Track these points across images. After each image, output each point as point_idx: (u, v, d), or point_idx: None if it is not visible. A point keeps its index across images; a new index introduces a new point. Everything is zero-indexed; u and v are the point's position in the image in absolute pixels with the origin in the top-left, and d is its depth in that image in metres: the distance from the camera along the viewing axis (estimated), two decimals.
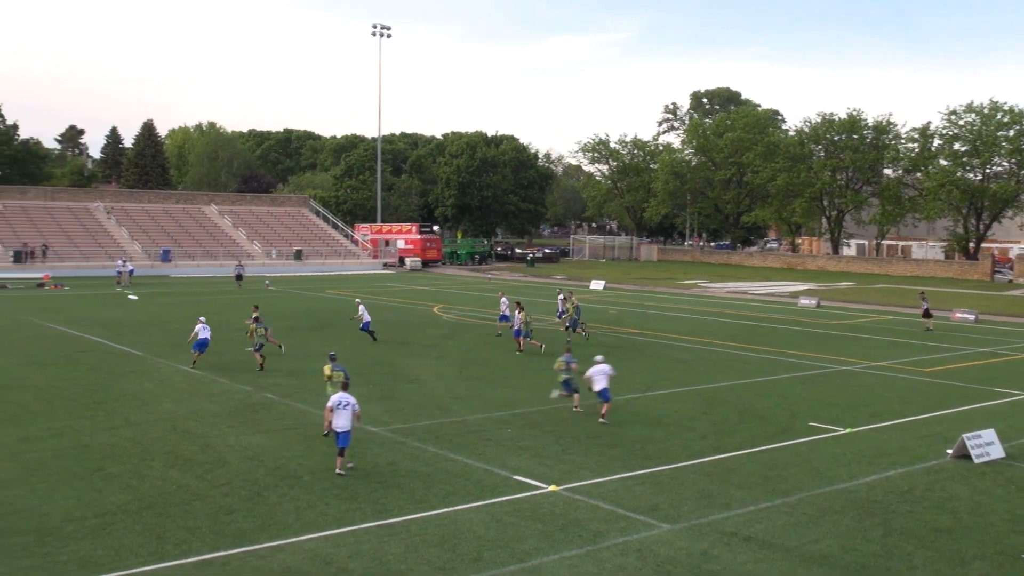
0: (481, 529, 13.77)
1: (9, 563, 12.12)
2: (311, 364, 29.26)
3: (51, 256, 71.78)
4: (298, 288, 61.71)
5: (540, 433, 20.13)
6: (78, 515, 14.10)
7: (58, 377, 26.24)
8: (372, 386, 25.42)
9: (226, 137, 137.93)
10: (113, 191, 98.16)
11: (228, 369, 27.69)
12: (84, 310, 44.40)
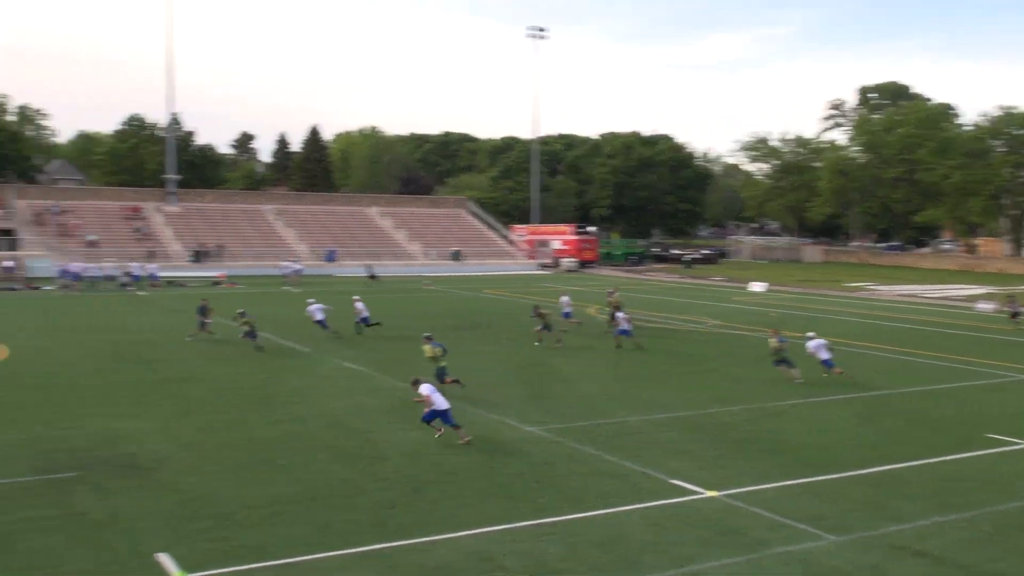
0: (640, 532, 13.60)
1: (191, 546, 12.78)
2: (469, 362, 29.71)
3: (226, 256, 75.57)
4: (456, 288, 62.81)
5: (699, 437, 19.76)
6: (250, 503, 14.74)
7: (230, 372, 27.56)
8: (527, 386, 25.58)
9: (387, 141, 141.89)
10: (282, 194, 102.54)
11: (389, 366, 28.40)
12: (255, 308, 46.43)
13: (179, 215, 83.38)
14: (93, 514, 14.09)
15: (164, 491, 15.34)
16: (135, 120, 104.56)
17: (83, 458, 17.29)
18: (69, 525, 13.57)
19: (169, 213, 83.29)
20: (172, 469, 16.70)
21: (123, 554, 12.48)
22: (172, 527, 13.56)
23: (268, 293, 57.07)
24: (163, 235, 79.12)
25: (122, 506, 14.47)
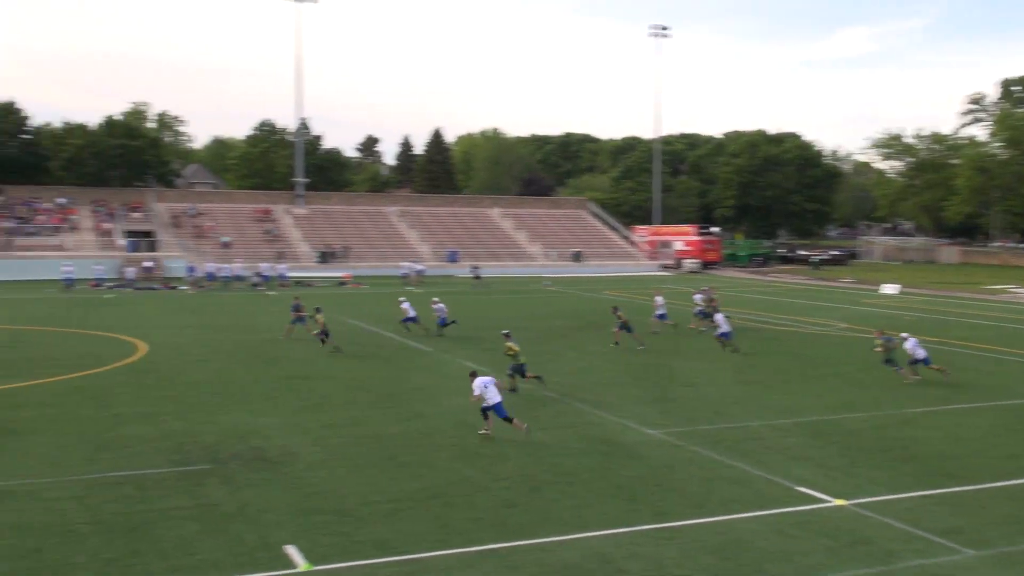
0: (762, 540, 13.25)
1: (314, 539, 13.08)
2: (590, 363, 29.62)
3: (351, 256, 77.40)
4: (576, 289, 62.70)
5: (825, 443, 19.14)
6: (373, 499, 15.00)
7: (357, 370, 28.16)
8: (646, 388, 25.31)
9: (508, 142, 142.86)
10: (405, 196, 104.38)
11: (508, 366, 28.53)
12: (379, 307, 47.40)
13: (307, 217, 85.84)
14: (224, 505, 14.58)
15: (290, 485, 15.76)
16: (266, 126, 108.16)
17: (215, 452, 17.93)
18: (202, 515, 14.07)
19: (297, 215, 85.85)
20: (298, 464, 17.15)
21: (252, 545, 12.86)
22: (297, 520, 13.91)
23: (392, 293, 58.14)
24: (292, 236, 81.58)
25: (251, 498, 14.94)
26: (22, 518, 13.86)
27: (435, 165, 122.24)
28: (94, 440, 18.71)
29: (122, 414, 21.23)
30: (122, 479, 15.94)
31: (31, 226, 73.86)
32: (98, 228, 76.14)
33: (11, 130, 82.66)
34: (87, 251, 70.03)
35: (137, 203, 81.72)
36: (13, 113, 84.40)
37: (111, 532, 13.27)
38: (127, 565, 12.09)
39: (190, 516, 14.02)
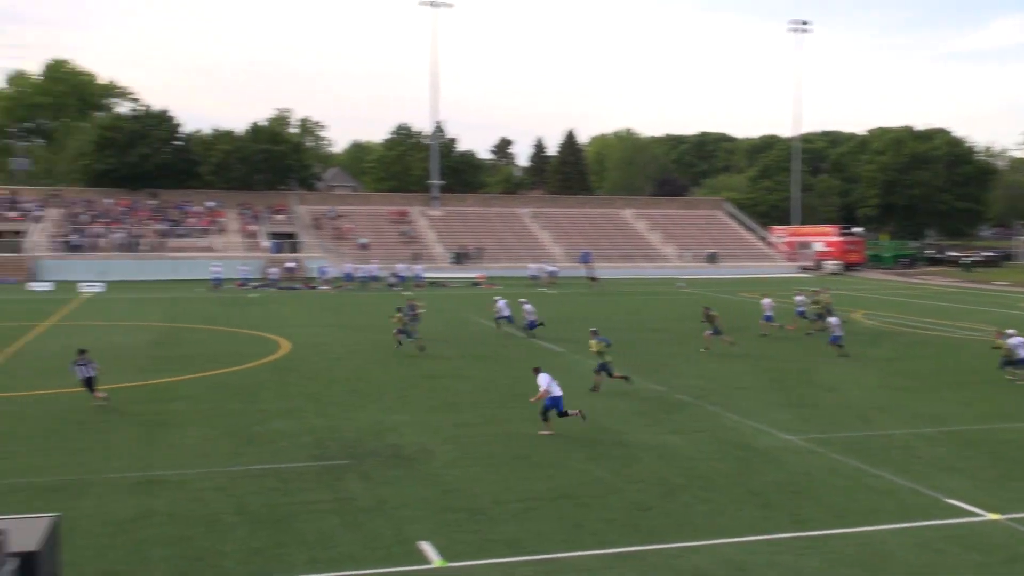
0: (907, 553, 12.72)
1: (448, 536, 13.27)
2: (725, 366, 29.08)
3: (485, 257, 78.27)
4: (711, 290, 61.67)
5: (977, 454, 18.24)
6: (505, 498, 15.10)
7: (489, 369, 28.44)
8: (784, 392, 24.67)
9: (642, 142, 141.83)
10: (538, 197, 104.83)
11: (641, 368, 28.27)
12: (512, 308, 47.70)
13: (441, 218, 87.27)
14: (361, 500, 14.94)
15: (425, 482, 16.03)
16: (402, 129, 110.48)
17: (353, 447, 18.40)
18: (341, 509, 14.46)
19: (432, 217, 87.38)
20: (433, 461, 17.42)
21: (388, 540, 13.14)
22: (432, 517, 14.13)
23: (524, 294, 58.47)
24: (427, 238, 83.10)
25: (387, 494, 15.26)
26: (174, 507, 14.54)
27: (568, 166, 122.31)
28: (240, 434, 19.48)
29: (267, 409, 22.04)
30: (266, 472, 16.54)
31: (182, 228, 77.56)
32: (244, 230, 79.34)
33: (164, 137, 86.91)
34: (233, 252, 73.08)
35: (280, 206, 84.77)
36: (166, 121, 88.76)
37: (256, 523, 13.78)
38: (271, 555, 12.53)
39: (330, 510, 14.42)
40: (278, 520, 13.90)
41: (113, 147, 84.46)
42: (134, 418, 20.93)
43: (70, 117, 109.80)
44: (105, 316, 43.02)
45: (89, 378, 22.04)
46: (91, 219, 76.82)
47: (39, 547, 2.12)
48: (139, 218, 78.46)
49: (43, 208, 78.06)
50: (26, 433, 19.39)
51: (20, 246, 70.68)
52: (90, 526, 13.42)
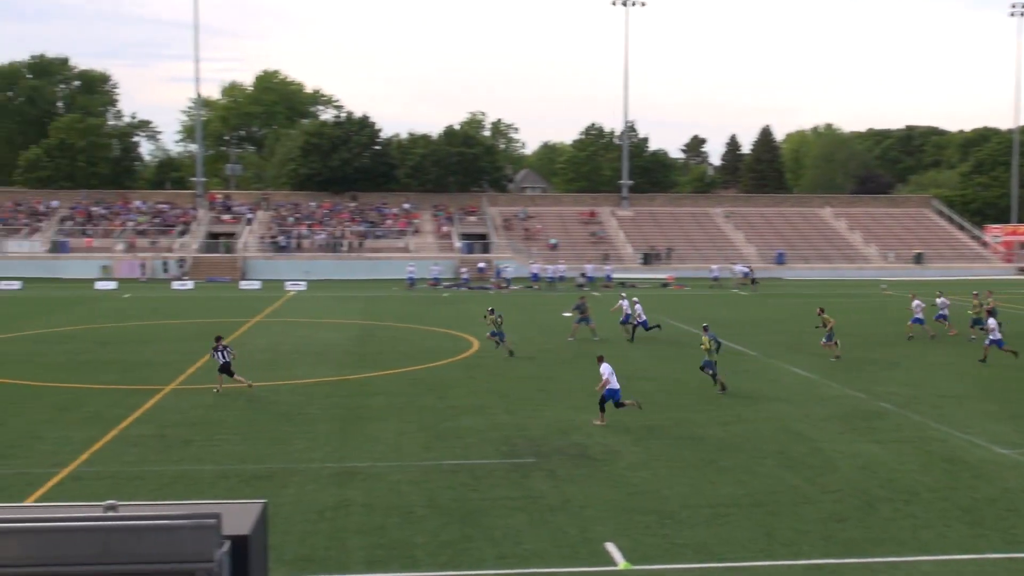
0: None
1: (635, 538, 13.10)
2: (929, 374, 27.50)
3: (674, 258, 77.25)
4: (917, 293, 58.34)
5: None
6: (693, 502, 14.77)
7: (677, 371, 27.97)
8: (1000, 403, 22.99)
9: (843, 138, 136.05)
10: (731, 196, 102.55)
11: (837, 373, 27.09)
12: (701, 309, 46.85)
13: (631, 219, 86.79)
14: (548, 498, 14.98)
15: (612, 482, 15.90)
16: (593, 129, 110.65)
17: (540, 446, 18.50)
18: (528, 507, 14.54)
19: (622, 217, 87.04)
20: (619, 462, 17.27)
21: (574, 538, 13.10)
22: (618, 518, 13.99)
23: (715, 296, 57.33)
24: (616, 238, 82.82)
25: (574, 493, 15.23)
26: (369, 497, 15.05)
27: (763, 164, 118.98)
28: (432, 429, 19.97)
29: (457, 406, 22.51)
30: (456, 467, 16.87)
31: (380, 229, 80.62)
32: (437, 231, 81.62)
33: (365, 142, 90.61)
34: (428, 252, 75.32)
35: (472, 207, 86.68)
36: (367, 127, 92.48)
37: (447, 516, 14.06)
38: (461, 549, 12.74)
39: (517, 507, 14.53)
40: (467, 515, 14.13)
41: (317, 152, 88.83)
42: (334, 411, 21.85)
43: (279, 125, 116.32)
44: (308, 313, 45.24)
45: (226, 363, 23.79)
46: (296, 221, 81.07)
47: (250, 531, 2.22)
48: (340, 220, 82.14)
49: (253, 211, 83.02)
50: (234, 423, 20.59)
51: (233, 247, 75.44)
52: (292, 513, 14.07)
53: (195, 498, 14.31)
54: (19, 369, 27.25)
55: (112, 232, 76.99)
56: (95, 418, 20.85)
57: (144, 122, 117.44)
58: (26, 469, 16.73)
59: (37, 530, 2.03)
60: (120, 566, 2.03)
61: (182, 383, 25.46)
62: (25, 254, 71.66)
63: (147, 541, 2.07)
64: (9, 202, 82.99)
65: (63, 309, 46.71)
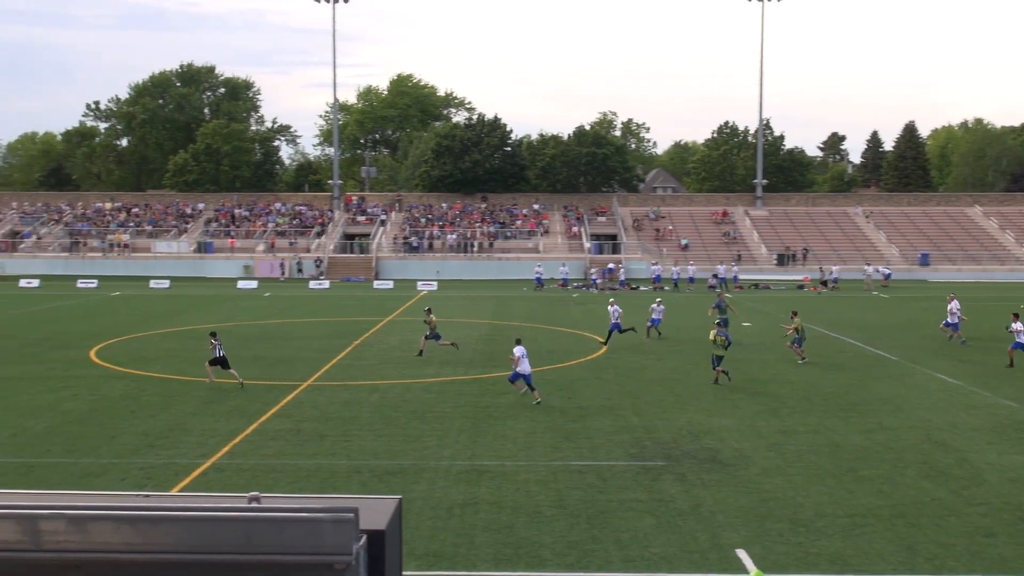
0: None
1: (766, 545, 12.79)
2: None
3: (810, 259, 75.11)
4: None
5: None
6: (829, 512, 14.32)
7: (815, 376, 27.18)
8: None
9: (994, 133, 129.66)
10: (872, 195, 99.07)
11: (989, 380, 25.81)
12: (840, 312, 45.45)
13: (765, 219, 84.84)
14: (677, 502, 14.77)
15: (744, 488, 15.56)
16: (726, 128, 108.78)
17: (669, 449, 18.27)
18: (657, 510, 14.38)
19: (756, 217, 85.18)
20: (753, 468, 16.90)
21: (704, 544, 12.88)
22: (750, 525, 13.69)
23: (853, 298, 55.50)
24: (749, 238, 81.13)
25: (704, 498, 14.98)
26: (498, 495, 15.16)
27: (906, 161, 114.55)
28: (561, 429, 19.98)
29: (585, 406, 22.46)
30: (584, 468, 16.82)
31: (509, 230, 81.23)
32: (567, 232, 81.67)
33: (495, 144, 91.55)
34: (557, 253, 75.44)
35: (602, 208, 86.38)
36: (498, 128, 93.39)
37: (574, 517, 14.04)
38: (587, 550, 12.70)
39: (646, 510, 14.39)
40: (595, 516, 14.07)
41: (449, 154, 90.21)
42: (464, 410, 22.12)
43: (412, 127, 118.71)
44: (438, 313, 45.88)
45: (222, 357, 24.97)
46: (428, 222, 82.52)
47: (386, 526, 2.26)
48: (471, 221, 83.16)
49: (387, 212, 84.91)
50: (367, 420, 21.07)
51: (368, 247, 77.33)
52: (422, 509, 14.30)
53: (330, 491, 14.74)
54: (170, 364, 28.61)
55: (253, 233, 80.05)
56: (237, 412, 21.69)
57: (284, 127, 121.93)
58: (174, 459, 17.54)
59: (188, 519, 2.11)
60: (262, 556, 2.09)
61: (318, 380, 26.24)
62: (173, 254, 75.21)
63: (288, 532, 2.13)
64: (159, 205, 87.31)
65: (208, 307, 48.81)
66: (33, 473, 16.61)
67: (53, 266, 72.87)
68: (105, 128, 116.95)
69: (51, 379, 26.09)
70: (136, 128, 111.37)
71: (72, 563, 2.05)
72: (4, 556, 2.05)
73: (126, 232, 78.99)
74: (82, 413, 21.69)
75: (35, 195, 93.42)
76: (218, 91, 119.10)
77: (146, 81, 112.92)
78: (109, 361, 29.37)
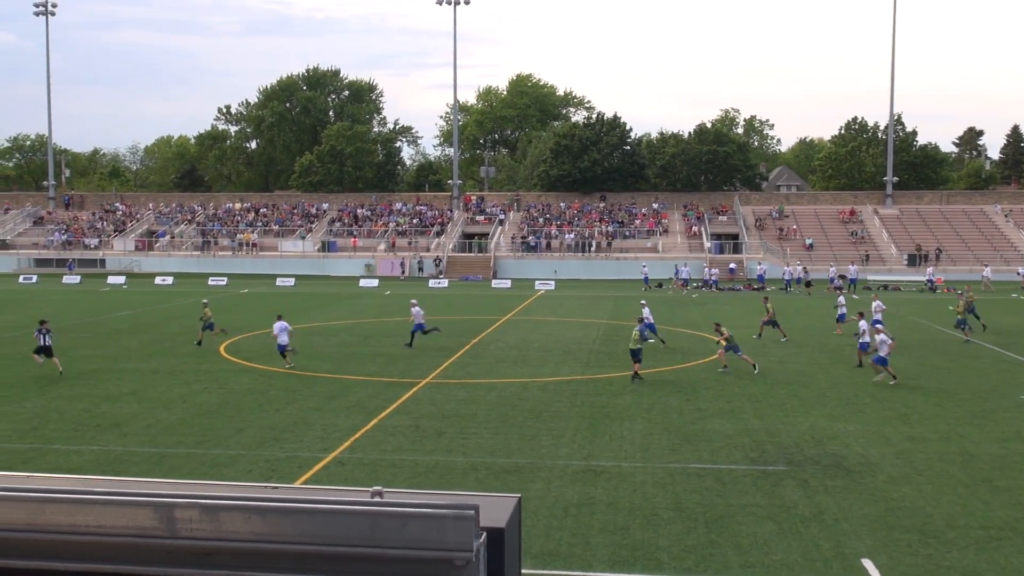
0: None
1: (893, 556, 12.34)
2: None
3: (943, 259, 72.23)
4: None
5: None
6: (962, 523, 13.72)
7: (947, 380, 26.12)
8: None
9: None
10: (1012, 192, 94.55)
11: None
12: (988, 316, 43.54)
13: (895, 217, 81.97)
14: (800, 509, 14.40)
15: (870, 496, 15.05)
16: (855, 124, 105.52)
17: (792, 453, 17.82)
18: (778, 516, 14.04)
19: (885, 216, 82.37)
20: (879, 475, 16.33)
21: (827, 552, 12.51)
22: (876, 534, 13.23)
23: (998, 300, 53.13)
24: (878, 238, 78.52)
25: (828, 505, 14.55)
26: (614, 496, 15.06)
27: None
28: (679, 431, 19.73)
29: (705, 408, 22.12)
30: (703, 471, 16.56)
31: (628, 229, 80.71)
32: (687, 231, 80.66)
33: (614, 142, 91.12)
34: (677, 252, 74.59)
35: (724, 207, 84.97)
36: (617, 127, 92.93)
37: (692, 521, 13.84)
38: (705, 555, 12.49)
39: (766, 515, 14.07)
40: (713, 520, 13.84)
41: (568, 154, 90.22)
42: (580, 409, 22.07)
43: (531, 127, 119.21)
44: (555, 312, 46.02)
45: (47, 346, 26.46)
46: (546, 222, 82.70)
47: (505, 524, 2.26)
48: (589, 220, 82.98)
49: (505, 212, 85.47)
50: (484, 417, 21.23)
51: (486, 246, 78.02)
52: (538, 508, 14.33)
53: (447, 488, 14.92)
54: (296, 360, 29.45)
55: (375, 233, 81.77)
56: (358, 407, 22.18)
57: (406, 128, 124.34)
58: (297, 452, 18.05)
59: (315, 511, 2.16)
60: (385, 549, 2.13)
61: (436, 377, 26.59)
62: (298, 253, 77.47)
63: (410, 527, 2.16)
64: (286, 205, 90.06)
65: (331, 305, 50.09)
66: (166, 462, 17.34)
67: (186, 264, 76.05)
68: (235, 131, 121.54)
69: (184, 372, 27.21)
70: (264, 131, 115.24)
71: (205, 551, 2.12)
72: (142, 542, 2.13)
73: (254, 231, 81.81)
74: (212, 406, 22.55)
75: (170, 196, 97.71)
76: (342, 94, 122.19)
77: (274, 85, 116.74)
78: (237, 356, 30.44)
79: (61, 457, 17.75)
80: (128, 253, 79.18)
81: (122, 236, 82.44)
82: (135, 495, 2.16)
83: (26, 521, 2.12)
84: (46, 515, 2.13)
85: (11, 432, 19.79)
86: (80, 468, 16.56)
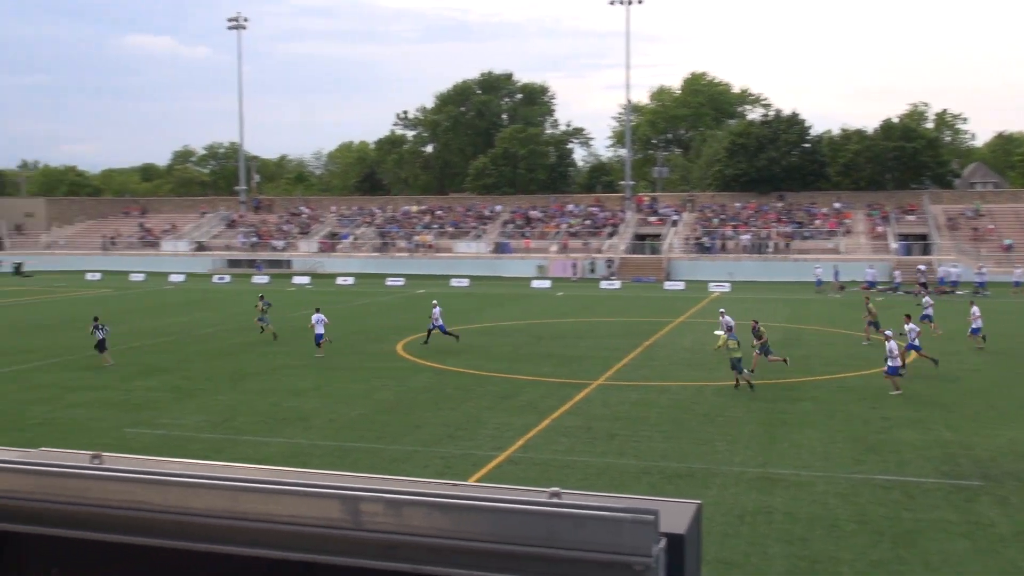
0: None
1: None
2: None
3: None
4: None
5: None
6: None
7: None
8: None
9: None
10: None
11: None
12: None
13: None
14: (998, 527, 13.50)
15: None
16: None
17: (988, 467, 16.74)
18: (972, 533, 13.22)
19: None
20: None
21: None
22: None
23: None
24: None
25: None
26: (793, 506, 14.56)
27: None
28: (863, 440, 18.89)
29: (891, 417, 21.09)
30: (889, 483, 15.79)
31: (808, 230, 78.03)
32: (871, 231, 77.25)
33: (793, 140, 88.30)
34: (860, 254, 71.58)
35: (911, 205, 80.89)
36: (795, 124, 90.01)
37: (877, 534, 13.21)
38: (891, 570, 11.90)
39: (959, 532, 13.27)
40: (900, 535, 13.17)
41: (743, 152, 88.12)
42: (757, 415, 21.48)
43: (705, 126, 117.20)
44: (732, 315, 44.92)
45: (102, 340, 27.82)
46: (721, 222, 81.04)
47: (685, 531, 2.20)
48: (766, 220, 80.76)
49: (679, 213, 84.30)
50: (656, 421, 20.96)
51: (659, 248, 77.19)
52: (712, 515, 14.01)
53: (619, 491, 14.79)
54: (469, 359, 30.01)
55: (547, 234, 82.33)
56: (530, 407, 22.35)
57: (578, 129, 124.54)
58: (471, 451, 18.35)
59: (495, 510, 2.16)
60: (563, 551, 2.10)
61: (609, 378, 26.48)
62: (472, 254, 78.93)
63: (588, 529, 2.12)
64: (460, 207, 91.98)
65: (505, 305, 50.76)
66: (348, 456, 17.99)
67: (366, 265, 78.82)
68: (412, 136, 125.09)
69: (364, 370, 28.18)
70: (440, 135, 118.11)
71: (388, 544, 2.15)
72: (329, 532, 2.18)
73: (430, 233, 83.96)
74: (390, 403, 23.24)
75: (351, 199, 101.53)
76: (515, 97, 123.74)
77: (449, 90, 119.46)
78: (413, 355, 31.28)
79: (251, 448, 18.72)
80: (312, 254, 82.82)
81: (307, 238, 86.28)
82: (323, 487, 2.21)
83: (225, 508, 2.21)
84: (242, 503, 2.21)
85: (206, 423, 21.03)
86: (269, 459, 17.41)
